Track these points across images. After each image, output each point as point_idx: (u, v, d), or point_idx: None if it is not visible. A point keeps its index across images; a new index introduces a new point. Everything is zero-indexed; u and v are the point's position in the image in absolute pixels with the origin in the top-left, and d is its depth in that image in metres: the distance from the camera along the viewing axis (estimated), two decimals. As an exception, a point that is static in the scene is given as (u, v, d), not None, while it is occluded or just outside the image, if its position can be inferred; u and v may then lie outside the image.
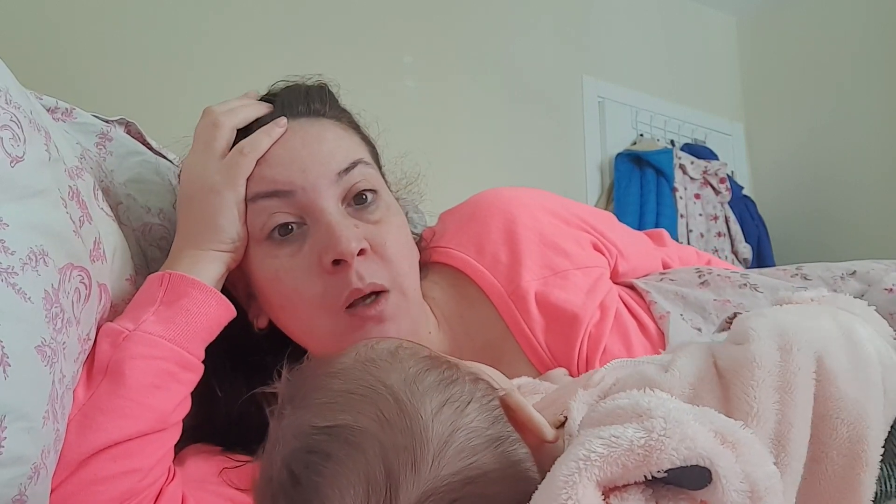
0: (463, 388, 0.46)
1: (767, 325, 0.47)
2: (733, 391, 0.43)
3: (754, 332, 0.46)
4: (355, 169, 0.72)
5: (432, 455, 0.41)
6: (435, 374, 0.46)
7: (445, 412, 0.43)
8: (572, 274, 0.80)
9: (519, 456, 0.45)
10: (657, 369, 0.48)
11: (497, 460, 0.43)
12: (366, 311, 0.68)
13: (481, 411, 0.45)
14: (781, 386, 0.42)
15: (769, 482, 0.36)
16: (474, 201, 0.87)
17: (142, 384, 0.62)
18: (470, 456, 0.42)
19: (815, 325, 0.47)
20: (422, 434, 0.42)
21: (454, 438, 0.43)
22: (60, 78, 1.54)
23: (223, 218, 0.70)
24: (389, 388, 0.44)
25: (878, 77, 2.54)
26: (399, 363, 0.47)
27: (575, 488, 0.36)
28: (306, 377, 0.48)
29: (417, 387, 0.45)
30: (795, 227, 2.66)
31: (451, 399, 0.45)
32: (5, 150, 0.55)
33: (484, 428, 0.44)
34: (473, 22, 2.33)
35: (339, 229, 0.68)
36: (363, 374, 0.46)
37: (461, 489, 0.41)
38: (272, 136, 0.72)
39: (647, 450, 0.36)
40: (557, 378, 0.71)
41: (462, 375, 0.47)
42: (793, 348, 0.44)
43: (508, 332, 0.80)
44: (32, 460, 0.51)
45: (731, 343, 0.48)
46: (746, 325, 0.47)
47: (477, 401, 0.45)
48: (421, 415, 0.43)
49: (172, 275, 0.67)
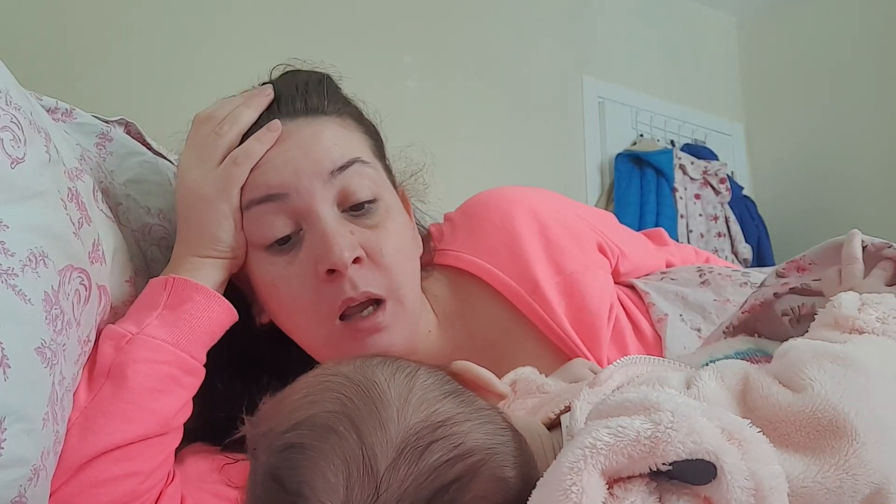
0: (408, 363, 0.49)
1: (828, 380, 0.41)
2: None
3: (814, 389, 0.41)
4: (351, 168, 0.71)
5: (395, 411, 0.44)
6: (378, 358, 0.49)
7: (398, 377, 0.47)
8: (581, 275, 0.80)
9: (479, 404, 0.48)
10: (680, 381, 0.46)
11: (459, 406, 0.46)
12: (361, 324, 0.68)
13: (430, 375, 0.48)
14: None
15: (774, 481, 0.36)
16: (479, 202, 0.87)
17: (145, 388, 0.62)
18: (431, 405, 0.45)
19: (876, 388, 0.42)
20: (381, 397, 0.44)
21: (412, 395, 0.45)
22: (60, 78, 1.54)
23: (218, 228, 0.70)
24: (342, 375, 0.47)
25: (877, 77, 2.54)
26: (345, 360, 0.50)
27: (580, 475, 0.36)
28: (267, 409, 0.49)
29: (366, 367, 0.48)
30: (795, 227, 2.66)
31: (400, 368, 0.48)
32: (5, 151, 0.54)
33: (438, 384, 0.47)
34: (473, 22, 2.33)
35: (332, 238, 0.67)
36: (316, 378, 0.49)
37: (432, 433, 0.43)
38: (265, 143, 0.71)
39: (653, 441, 0.36)
40: (575, 368, 0.69)
41: (403, 358, 0.50)
42: (844, 420, 0.40)
43: (531, 329, 0.79)
44: (32, 462, 0.51)
45: (776, 378, 0.44)
46: (804, 372, 0.42)
47: (425, 369, 0.49)
48: (376, 382, 0.46)
49: (176, 279, 0.67)
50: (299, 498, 0.42)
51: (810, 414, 0.40)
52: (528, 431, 0.50)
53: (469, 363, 0.53)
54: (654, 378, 0.45)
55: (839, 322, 0.51)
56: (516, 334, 0.80)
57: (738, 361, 0.48)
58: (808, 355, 0.44)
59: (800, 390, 0.42)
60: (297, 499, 0.42)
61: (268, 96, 0.75)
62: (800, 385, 0.42)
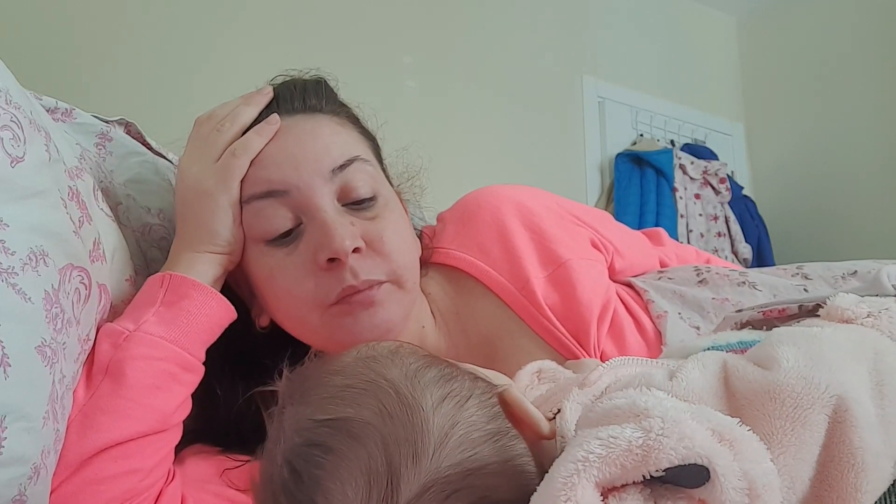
0: (463, 385, 0.47)
1: (798, 357, 0.43)
2: (743, 418, 0.41)
3: (782, 364, 0.42)
4: (351, 166, 0.72)
5: (433, 447, 0.42)
6: (435, 371, 0.47)
7: (446, 406, 0.44)
8: (575, 264, 0.80)
9: (517, 451, 0.45)
10: (664, 375, 0.47)
11: (496, 454, 0.44)
12: (356, 297, 0.68)
13: (480, 407, 0.46)
14: (793, 418, 0.41)
15: (767, 479, 0.36)
16: (469, 200, 0.87)
17: (143, 385, 0.62)
18: (470, 449, 0.43)
19: (851, 367, 0.43)
20: (422, 426, 0.42)
21: (454, 431, 0.43)
22: (60, 78, 1.54)
23: (216, 222, 0.70)
24: (391, 382, 0.45)
25: (877, 77, 2.54)
26: (400, 359, 0.48)
27: (574, 489, 0.36)
28: (307, 376, 0.48)
29: (418, 381, 0.45)
30: (795, 227, 2.66)
31: (452, 394, 0.45)
32: (6, 150, 0.55)
33: (483, 422, 0.45)
34: (474, 22, 2.33)
35: (333, 227, 0.67)
36: (364, 370, 0.46)
37: (461, 481, 0.42)
38: (264, 136, 0.72)
39: (645, 450, 0.36)
40: (588, 367, 0.70)
41: (461, 373, 0.48)
42: (817, 388, 0.41)
43: (523, 325, 0.79)
44: (32, 460, 0.51)
45: (752, 362, 0.45)
46: (777, 352, 0.44)
47: (476, 397, 0.46)
48: (422, 407, 0.43)
49: (173, 276, 0.67)
50: (312, 501, 0.42)
51: (783, 384, 0.41)
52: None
53: (521, 397, 0.50)
54: (640, 377, 0.46)
55: (830, 313, 0.52)
56: (510, 331, 0.80)
57: (716, 352, 0.49)
58: (782, 338, 0.45)
59: (770, 367, 0.43)
60: (312, 492, 0.42)
61: (267, 95, 0.76)
62: (771, 363, 0.43)
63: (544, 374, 0.64)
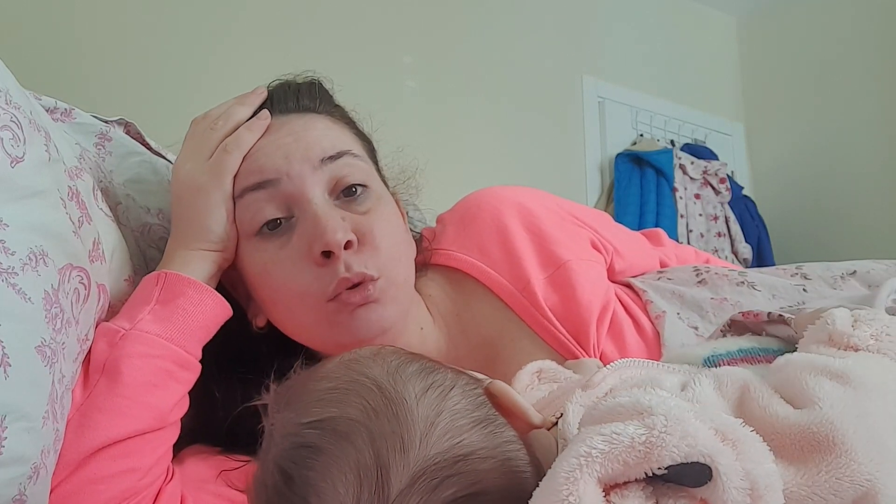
0: (445, 376, 0.47)
1: (837, 400, 0.41)
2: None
3: (821, 408, 0.41)
4: (341, 159, 0.72)
5: (419, 436, 0.42)
6: (416, 365, 0.47)
7: (429, 396, 0.45)
8: (574, 265, 0.80)
9: (506, 437, 0.46)
10: (674, 384, 0.46)
11: (484, 440, 0.44)
12: (352, 297, 0.68)
13: (465, 396, 0.46)
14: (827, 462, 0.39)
15: (769, 480, 0.36)
16: (470, 201, 0.87)
17: (139, 382, 0.62)
18: (457, 436, 0.43)
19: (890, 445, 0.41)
20: (407, 417, 0.43)
21: (440, 420, 0.43)
22: (60, 78, 1.55)
23: (210, 218, 0.70)
24: (373, 380, 0.45)
25: (877, 77, 2.54)
26: (381, 358, 0.48)
27: (576, 484, 0.36)
28: (293, 385, 0.48)
29: (400, 376, 0.46)
30: (795, 227, 2.66)
31: (434, 384, 0.46)
32: (5, 150, 0.55)
33: (469, 410, 0.45)
34: (474, 22, 2.33)
35: (325, 220, 0.67)
36: (347, 372, 0.47)
37: (451, 467, 0.42)
38: (255, 131, 0.72)
39: (648, 447, 0.36)
40: (588, 367, 0.70)
41: (443, 367, 0.48)
42: (843, 437, 0.39)
43: (523, 326, 0.79)
44: (32, 460, 0.51)
45: (776, 391, 0.44)
46: (811, 389, 0.42)
47: (460, 387, 0.47)
48: (405, 399, 0.44)
49: (168, 274, 0.68)
50: (305, 502, 0.42)
51: (805, 428, 0.40)
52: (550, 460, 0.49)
53: (508, 387, 0.50)
54: (647, 380, 0.45)
55: (834, 339, 0.49)
56: (511, 332, 0.80)
57: (738, 369, 0.48)
58: (807, 371, 0.44)
59: (805, 406, 0.42)
60: (304, 493, 0.42)
61: (261, 95, 0.77)
62: (806, 401, 0.42)
63: (545, 374, 0.64)
